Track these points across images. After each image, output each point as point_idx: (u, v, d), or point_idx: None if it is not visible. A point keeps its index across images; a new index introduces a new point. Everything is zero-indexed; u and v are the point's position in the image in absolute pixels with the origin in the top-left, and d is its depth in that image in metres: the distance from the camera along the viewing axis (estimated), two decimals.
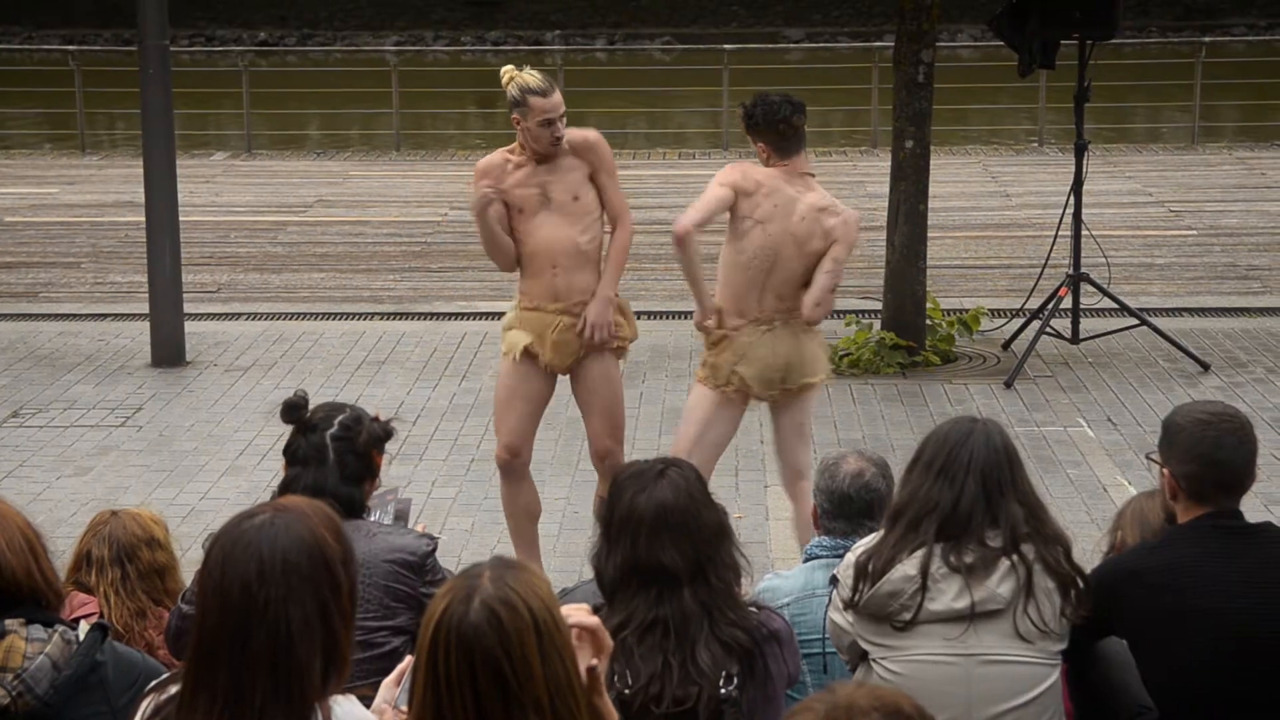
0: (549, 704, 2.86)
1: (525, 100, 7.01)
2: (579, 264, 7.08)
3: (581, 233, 7.08)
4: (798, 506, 7.09)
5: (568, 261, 7.06)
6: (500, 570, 2.93)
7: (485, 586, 2.89)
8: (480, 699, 2.84)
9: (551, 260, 7.06)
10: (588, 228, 7.10)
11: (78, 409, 10.35)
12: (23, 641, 3.55)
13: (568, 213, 7.04)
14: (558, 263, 7.06)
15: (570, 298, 7.08)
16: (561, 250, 7.05)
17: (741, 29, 37.64)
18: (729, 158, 20.72)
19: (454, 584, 2.93)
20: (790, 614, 4.55)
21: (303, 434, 4.66)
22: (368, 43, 36.50)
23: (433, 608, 2.91)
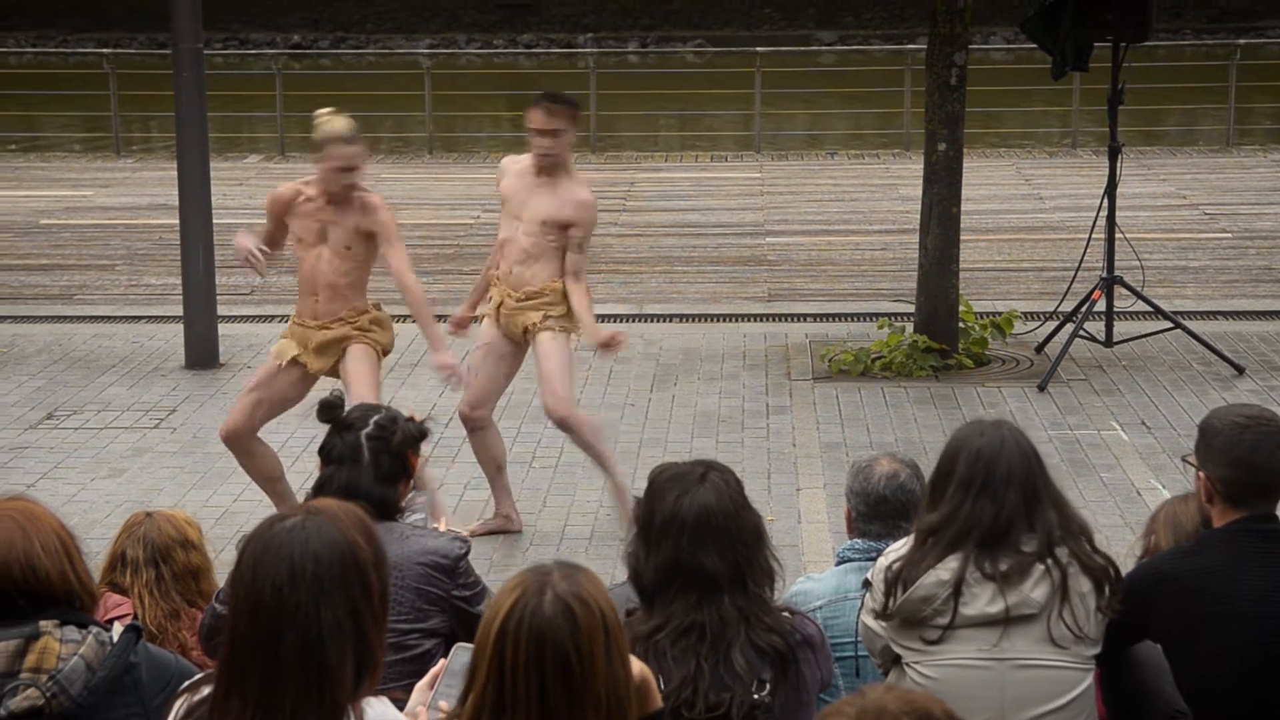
0: (606, 704, 2.87)
1: (324, 146, 7.63)
2: (337, 295, 7.82)
3: (343, 276, 7.79)
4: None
5: (327, 294, 7.81)
6: (569, 570, 2.97)
7: (558, 582, 2.92)
8: (546, 691, 2.86)
9: (314, 289, 7.82)
10: (350, 272, 7.81)
11: (112, 411, 10.39)
12: (57, 643, 3.56)
13: (338, 255, 7.75)
14: (319, 293, 7.81)
15: (328, 317, 7.83)
16: (324, 284, 7.79)
17: (774, 31, 37.60)
18: (761, 160, 20.71)
19: (524, 578, 2.95)
20: (823, 617, 4.54)
21: (338, 433, 4.68)
22: (400, 45, 36.57)
23: (500, 600, 2.93)
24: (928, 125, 11.26)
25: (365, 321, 7.85)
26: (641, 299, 13.58)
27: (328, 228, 7.71)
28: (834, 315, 12.80)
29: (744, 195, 18.20)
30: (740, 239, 15.88)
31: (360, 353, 7.79)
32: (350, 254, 7.74)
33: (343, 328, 7.81)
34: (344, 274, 7.77)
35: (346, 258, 7.74)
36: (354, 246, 7.73)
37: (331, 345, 7.82)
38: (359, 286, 7.86)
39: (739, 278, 14.38)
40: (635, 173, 19.92)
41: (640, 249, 15.51)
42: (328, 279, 7.77)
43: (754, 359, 11.48)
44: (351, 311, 7.83)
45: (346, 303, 7.82)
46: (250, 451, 7.96)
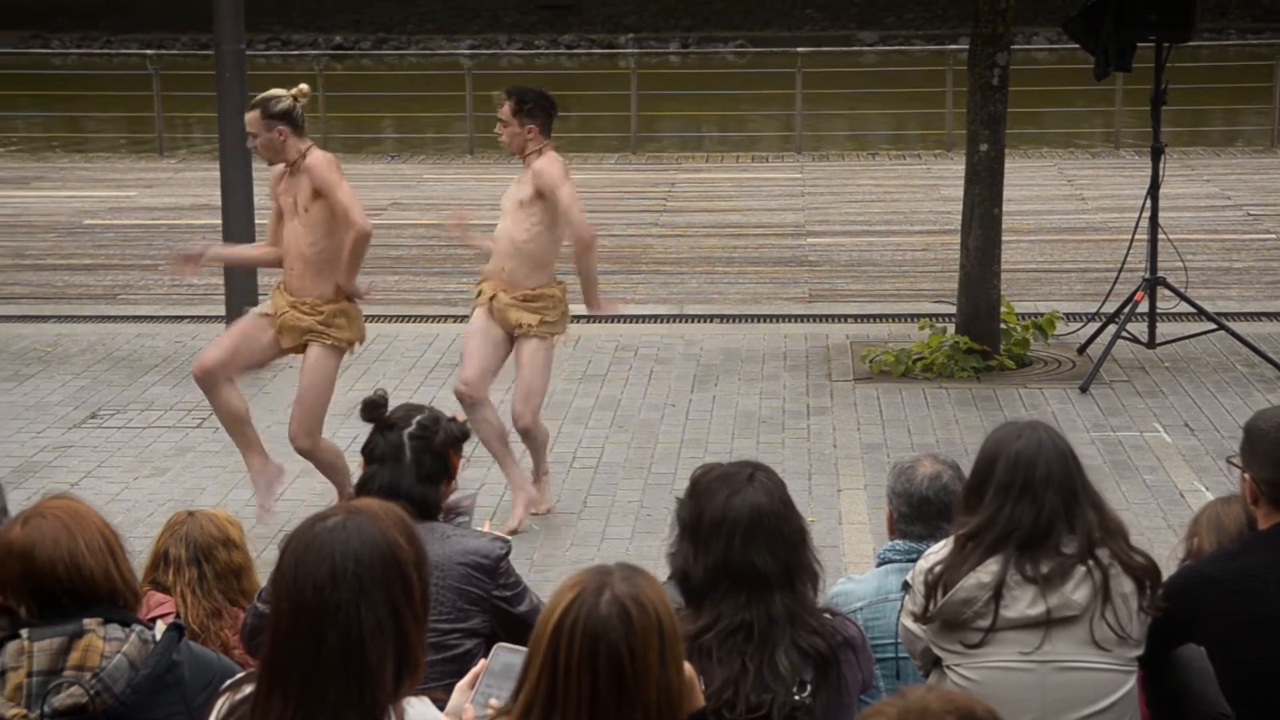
0: (657, 708, 2.87)
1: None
2: (309, 270, 8.08)
3: (310, 245, 8.06)
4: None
5: (300, 266, 8.10)
6: (629, 572, 2.98)
7: (617, 583, 2.92)
8: (597, 691, 2.86)
9: (290, 263, 8.15)
10: (316, 241, 8.05)
11: (155, 410, 10.44)
12: (100, 641, 3.58)
13: (302, 222, 8.07)
14: (294, 265, 8.13)
15: (300, 296, 8.11)
16: (295, 254, 8.11)
17: (815, 32, 37.53)
18: (802, 161, 20.68)
19: (583, 577, 2.96)
20: (863, 618, 4.53)
21: (381, 433, 4.68)
22: (442, 46, 36.63)
23: (558, 597, 2.94)
24: (969, 126, 11.23)
25: (330, 313, 8.11)
26: (682, 299, 13.57)
27: (295, 197, 8.10)
28: (875, 316, 12.77)
29: (785, 196, 18.17)
30: (781, 240, 15.86)
31: (318, 355, 8.12)
32: (309, 216, 8.03)
33: (310, 318, 8.10)
34: (310, 244, 8.04)
35: (306, 221, 8.04)
36: (310, 209, 8.03)
37: (295, 330, 8.13)
38: (329, 265, 8.07)
39: (780, 278, 14.36)
40: (676, 173, 19.92)
41: (681, 249, 15.50)
42: (299, 249, 8.09)
43: (795, 360, 11.47)
44: (319, 300, 8.10)
45: (318, 283, 8.08)
46: (220, 392, 8.22)
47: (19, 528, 3.65)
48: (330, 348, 8.14)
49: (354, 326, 8.22)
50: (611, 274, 14.54)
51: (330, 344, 8.14)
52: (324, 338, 8.11)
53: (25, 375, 11.18)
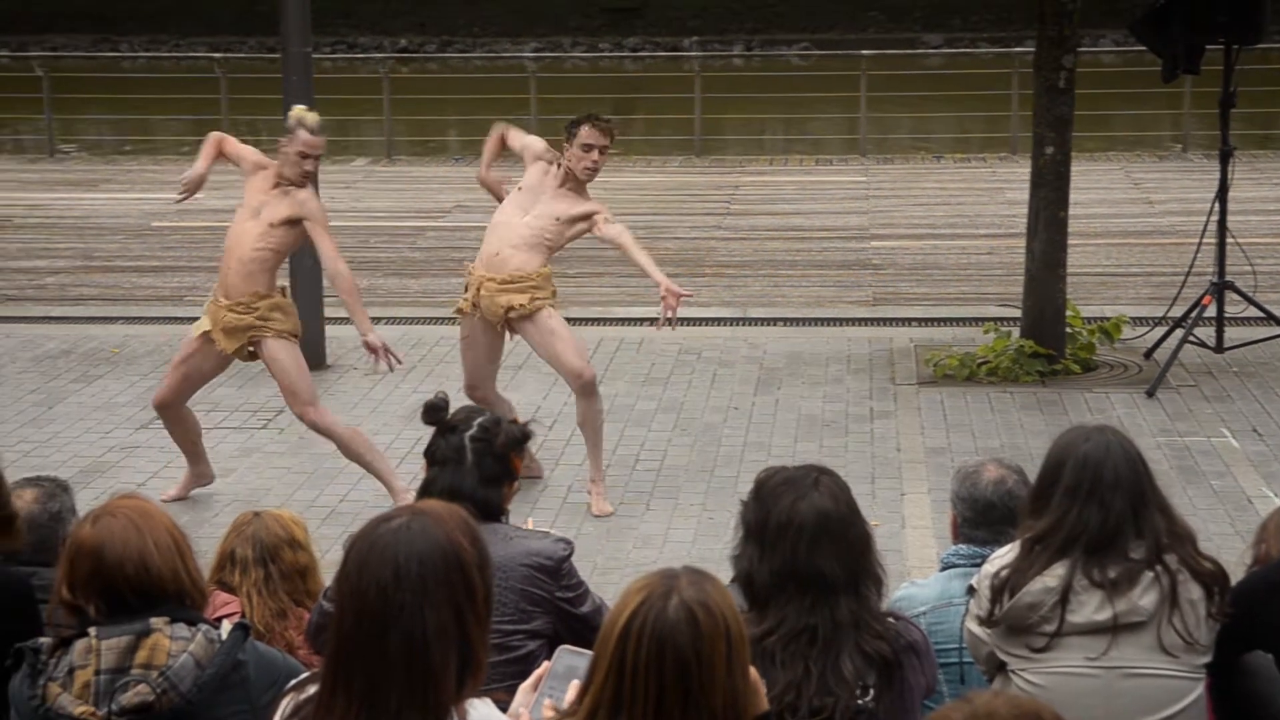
0: (722, 713, 2.87)
1: (294, 130, 8.45)
2: (243, 271, 8.38)
3: (256, 252, 8.37)
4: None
5: (236, 266, 8.41)
6: (696, 576, 2.97)
7: (684, 587, 2.92)
8: (663, 695, 2.86)
9: (229, 262, 8.46)
10: (263, 250, 8.37)
11: (221, 411, 10.50)
12: (167, 640, 3.61)
13: (262, 232, 8.35)
14: (230, 264, 8.44)
15: (235, 295, 8.42)
16: (239, 255, 8.41)
17: (879, 34, 37.41)
18: (866, 164, 20.62)
19: (650, 581, 2.96)
20: (926, 623, 4.51)
21: (442, 435, 4.69)
22: (506, 49, 36.72)
23: (625, 600, 2.94)
24: (1035, 129, 11.17)
25: (265, 308, 8.42)
26: (745, 302, 13.56)
27: (264, 206, 8.39)
28: (939, 320, 12.73)
29: (849, 199, 18.13)
30: (845, 243, 15.82)
31: (276, 345, 8.44)
32: (272, 233, 8.36)
33: (245, 316, 8.42)
34: (257, 250, 8.38)
35: (267, 236, 8.36)
36: (277, 228, 8.35)
37: (236, 331, 8.44)
38: (268, 272, 8.45)
39: (843, 282, 14.32)
40: (740, 176, 19.90)
41: (744, 253, 15.48)
42: (244, 251, 8.40)
43: (858, 363, 11.43)
44: (253, 296, 8.41)
45: (249, 283, 8.41)
46: (180, 419, 8.71)
47: (89, 526, 3.68)
48: (279, 336, 8.45)
49: (290, 319, 8.53)
50: (675, 276, 14.51)
51: (274, 334, 8.44)
52: (266, 331, 8.43)
53: (93, 376, 11.28)
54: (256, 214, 8.43)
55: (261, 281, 8.45)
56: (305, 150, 8.38)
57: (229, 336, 8.45)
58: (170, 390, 8.62)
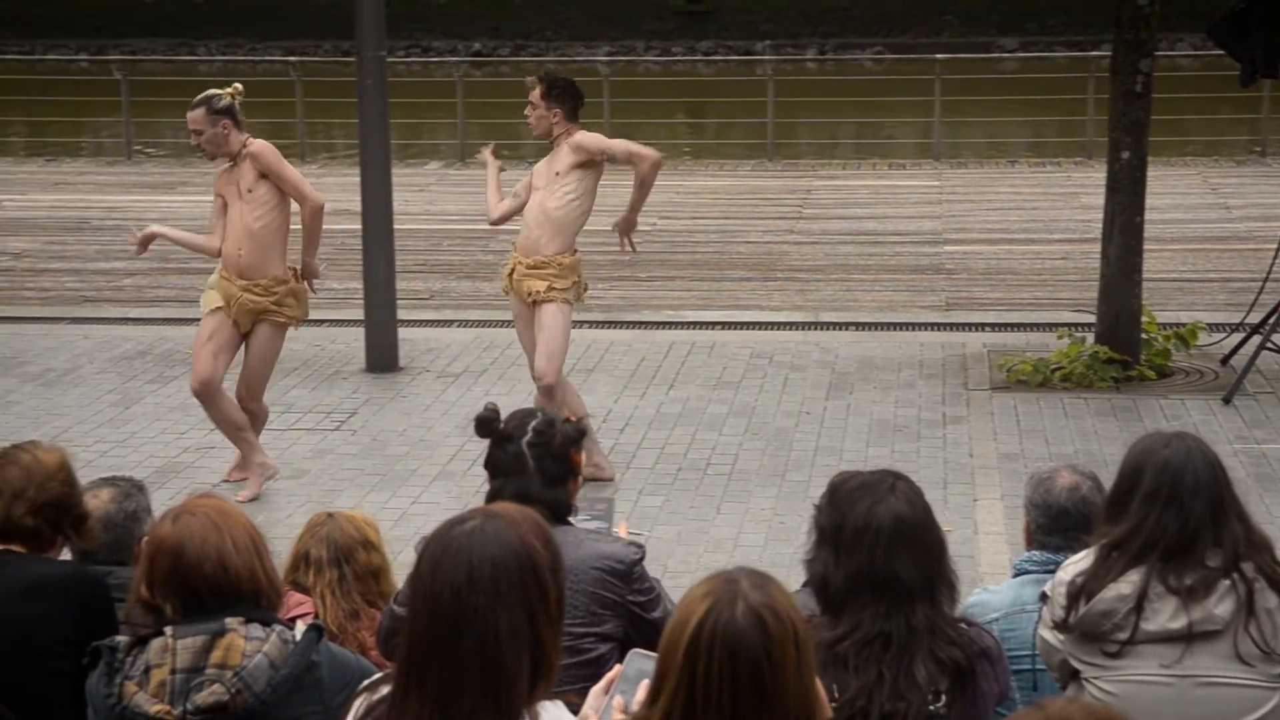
0: (795, 716, 2.86)
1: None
2: (257, 248, 8.82)
3: (256, 219, 8.80)
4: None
5: (248, 245, 8.80)
6: (758, 579, 2.95)
7: (749, 592, 2.90)
8: (737, 703, 2.85)
9: (238, 244, 8.82)
10: (262, 217, 8.80)
11: (294, 413, 10.57)
12: (242, 640, 3.63)
13: (247, 202, 8.79)
14: (242, 246, 8.81)
15: (251, 277, 8.84)
16: (243, 233, 8.81)
17: (954, 38, 37.25)
18: (940, 168, 20.54)
19: (713, 587, 2.93)
20: (999, 629, 4.49)
21: (499, 446, 4.68)
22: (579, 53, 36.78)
23: (690, 608, 2.91)
24: (1111, 133, 11.09)
25: (283, 294, 8.90)
26: (817, 307, 13.53)
27: (238, 183, 8.85)
28: (1013, 325, 12.66)
29: (922, 203, 18.05)
30: (918, 247, 15.75)
31: (269, 333, 8.93)
32: (254, 196, 8.79)
33: (263, 299, 8.85)
34: (256, 218, 8.79)
35: (252, 201, 8.79)
36: (255, 189, 8.79)
37: (251, 313, 8.88)
38: (277, 243, 8.88)
39: (916, 286, 14.27)
40: (812, 180, 19.86)
41: (816, 257, 15.45)
42: (245, 227, 8.80)
43: (931, 368, 11.39)
44: (272, 280, 8.86)
45: (267, 263, 8.83)
46: (219, 401, 8.97)
47: (169, 525, 3.71)
48: (280, 325, 8.98)
49: (301, 306, 9.04)
50: (747, 280, 14.54)
51: (281, 322, 8.97)
52: (276, 316, 8.91)
53: (169, 377, 11.37)
54: (239, 194, 8.86)
55: (277, 259, 8.90)
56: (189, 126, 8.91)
57: (243, 316, 8.87)
58: (207, 369, 8.87)
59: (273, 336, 8.99)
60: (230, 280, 8.87)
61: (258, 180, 8.83)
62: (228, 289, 8.88)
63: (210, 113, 8.81)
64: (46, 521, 4.26)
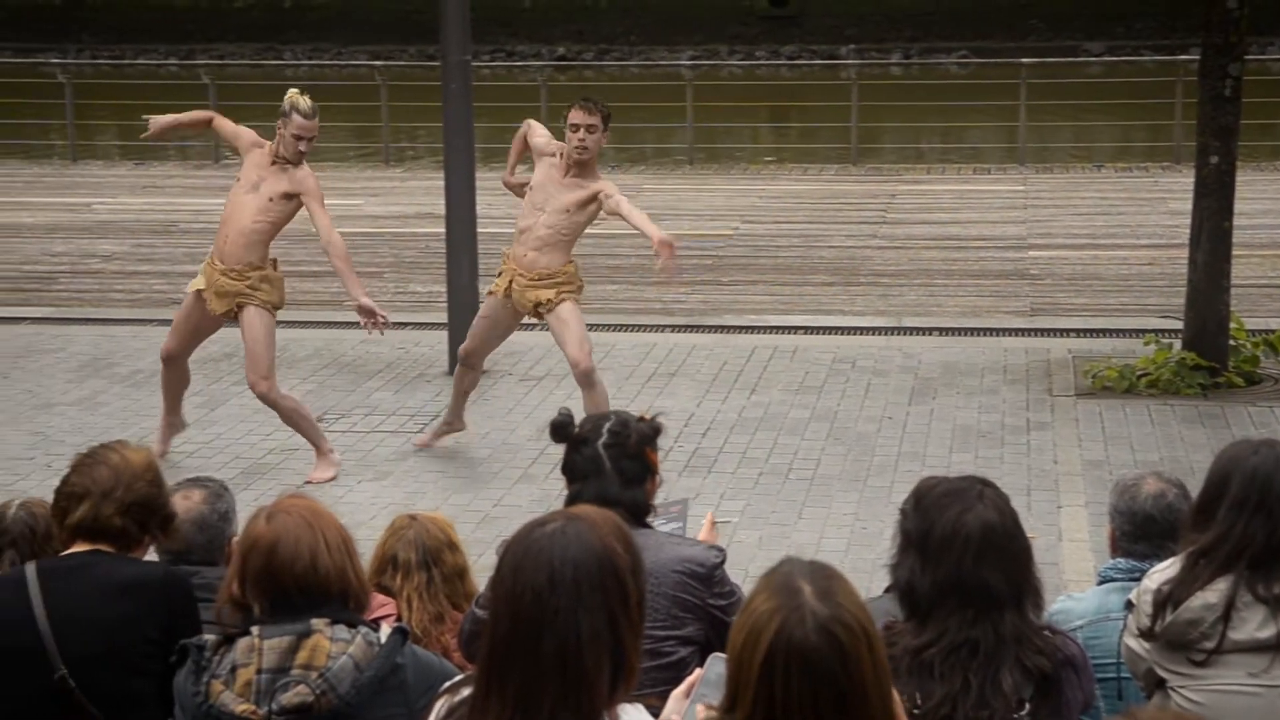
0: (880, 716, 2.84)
1: (290, 114, 9.28)
2: (243, 241, 9.21)
3: (255, 224, 9.22)
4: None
5: (235, 237, 9.23)
6: (822, 584, 2.89)
7: (813, 603, 2.84)
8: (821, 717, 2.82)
9: (227, 230, 9.26)
10: (261, 223, 9.22)
11: (378, 415, 10.63)
12: (327, 641, 3.65)
13: (261, 206, 9.19)
14: (229, 235, 9.23)
15: (230, 264, 9.26)
16: (236, 225, 9.24)
17: (1040, 43, 37.01)
18: (1025, 173, 20.42)
19: (777, 600, 2.87)
20: (1083, 637, 4.45)
21: (575, 450, 4.68)
22: (663, 57, 36.81)
23: (758, 624, 2.86)
24: (1199, 137, 10.99)
25: (256, 279, 9.29)
26: (900, 312, 13.48)
27: (263, 182, 9.20)
28: (1099, 331, 12.57)
29: (1007, 208, 17.95)
30: (1002, 252, 15.66)
31: (255, 314, 9.28)
32: (271, 207, 9.21)
33: (237, 283, 9.26)
34: (256, 222, 9.23)
35: (267, 209, 9.21)
36: (276, 202, 9.20)
37: (226, 295, 9.30)
38: (264, 242, 9.31)
39: (1000, 291, 14.18)
40: (896, 185, 19.78)
41: (900, 262, 15.39)
42: (244, 222, 9.24)
43: (1015, 374, 11.32)
44: (247, 267, 9.26)
45: (247, 253, 9.25)
46: (178, 371, 9.60)
47: (264, 523, 3.72)
48: (261, 307, 9.30)
49: (276, 291, 9.39)
50: (829, 285, 14.50)
51: (260, 304, 9.29)
52: (253, 299, 9.27)
53: None
54: (256, 188, 9.23)
55: (257, 252, 9.31)
56: (299, 133, 9.21)
57: (219, 298, 9.32)
58: (175, 343, 9.53)
59: (258, 317, 9.31)
60: (213, 265, 9.36)
61: (283, 196, 9.23)
62: (209, 273, 9.38)
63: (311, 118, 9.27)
64: (135, 521, 4.29)
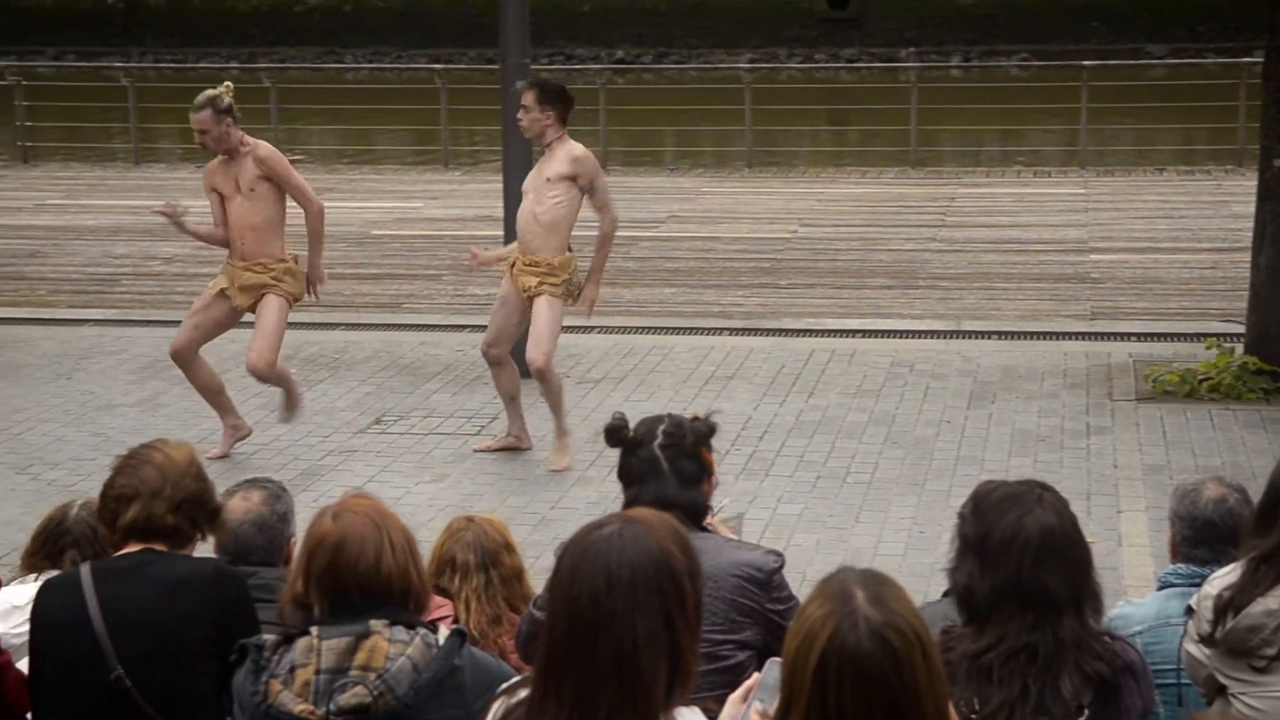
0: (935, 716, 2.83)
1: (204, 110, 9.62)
2: (258, 237, 9.71)
3: (258, 215, 9.68)
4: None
5: (250, 236, 9.71)
6: (874, 591, 2.88)
7: (866, 609, 2.83)
8: None
9: (240, 234, 9.73)
10: (262, 211, 9.69)
11: (436, 417, 10.67)
12: (386, 642, 3.66)
13: (248, 198, 9.68)
14: (244, 236, 9.72)
15: (253, 259, 9.74)
16: (245, 227, 9.70)
17: (1101, 45, 36.82)
18: (1086, 176, 20.31)
19: (830, 606, 2.86)
20: (1143, 643, 4.42)
21: (631, 453, 4.67)
22: (722, 60, 36.82)
23: (811, 631, 2.85)
24: (1263, 140, 10.90)
25: (280, 271, 9.75)
26: (959, 315, 13.43)
27: (237, 179, 9.66)
28: (1159, 335, 12.48)
29: (1067, 211, 17.86)
30: (1063, 256, 15.59)
31: (274, 303, 9.73)
32: (256, 194, 9.64)
33: (263, 275, 9.72)
34: (258, 213, 9.68)
35: (254, 198, 9.66)
36: (256, 188, 9.64)
37: (252, 288, 9.75)
38: (276, 230, 9.75)
39: (1060, 295, 14.11)
40: (956, 188, 19.71)
41: (959, 265, 15.33)
42: (248, 220, 9.69)
43: (1075, 378, 11.26)
44: (270, 259, 9.72)
45: (268, 247, 9.72)
46: (193, 368, 9.86)
47: (330, 521, 3.73)
48: (283, 297, 9.76)
49: (298, 283, 9.84)
50: (888, 288, 14.46)
51: (283, 294, 9.76)
52: (277, 289, 9.74)
53: (314, 381, 11.53)
54: (238, 189, 9.67)
55: (276, 243, 9.76)
56: (195, 127, 9.62)
57: (244, 293, 9.75)
58: (183, 340, 9.80)
59: (278, 305, 9.73)
60: (233, 264, 9.77)
61: (259, 180, 9.63)
62: (231, 272, 9.79)
63: (215, 113, 9.56)
64: (186, 518, 4.30)
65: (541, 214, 9.57)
